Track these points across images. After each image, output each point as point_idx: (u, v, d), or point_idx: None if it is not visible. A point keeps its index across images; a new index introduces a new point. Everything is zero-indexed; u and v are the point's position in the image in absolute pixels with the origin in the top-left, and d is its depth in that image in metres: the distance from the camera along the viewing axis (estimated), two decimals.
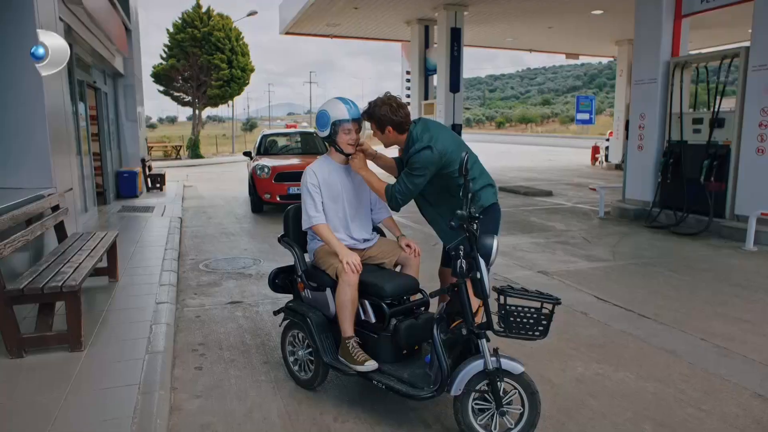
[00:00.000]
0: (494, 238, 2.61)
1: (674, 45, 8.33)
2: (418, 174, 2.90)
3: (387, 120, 2.94)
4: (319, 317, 2.98)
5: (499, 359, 2.46)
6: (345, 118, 2.96)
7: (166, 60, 25.04)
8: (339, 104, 3.00)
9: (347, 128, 2.98)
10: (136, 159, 12.16)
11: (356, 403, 2.97)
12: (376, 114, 2.95)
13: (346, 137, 3.00)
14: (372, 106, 2.98)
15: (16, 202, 3.86)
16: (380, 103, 2.95)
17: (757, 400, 3.00)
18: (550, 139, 43.49)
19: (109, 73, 10.90)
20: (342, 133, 2.99)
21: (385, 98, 2.99)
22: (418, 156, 2.89)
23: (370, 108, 2.98)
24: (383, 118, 2.94)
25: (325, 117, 3.00)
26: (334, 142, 3.03)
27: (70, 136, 5.82)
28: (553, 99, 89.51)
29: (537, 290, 2.68)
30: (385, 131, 2.98)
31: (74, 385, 2.97)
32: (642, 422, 2.78)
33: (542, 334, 2.55)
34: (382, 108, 2.94)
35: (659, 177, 8.29)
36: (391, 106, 2.95)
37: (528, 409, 2.49)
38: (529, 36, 18.62)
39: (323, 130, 3.03)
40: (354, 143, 3.03)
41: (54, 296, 3.30)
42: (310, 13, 15.59)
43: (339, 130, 2.98)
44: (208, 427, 2.73)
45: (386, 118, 2.94)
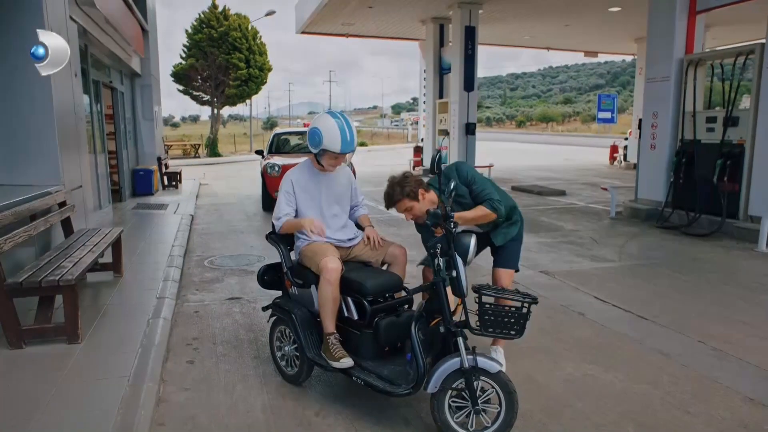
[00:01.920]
0: (472, 236, 2.61)
1: (688, 42, 8.15)
2: (480, 182, 3.10)
3: (416, 185, 3.00)
4: (303, 314, 3.02)
5: (475, 358, 2.47)
6: (335, 152, 2.96)
7: (185, 60, 25.43)
8: (336, 134, 2.92)
9: (334, 155, 3.01)
10: (153, 157, 12.39)
11: (340, 399, 3.00)
12: (404, 192, 2.97)
13: (331, 161, 3.07)
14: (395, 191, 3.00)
15: (19, 199, 3.99)
16: (397, 183, 3.01)
17: (747, 404, 2.94)
18: (570, 138, 42.93)
19: (126, 73, 11.13)
20: (328, 158, 3.04)
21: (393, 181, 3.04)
22: (463, 172, 3.11)
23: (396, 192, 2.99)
24: (413, 186, 2.99)
25: (316, 138, 2.98)
26: (318, 159, 3.07)
27: (80, 136, 5.96)
28: (575, 98, 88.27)
29: (516, 289, 2.68)
30: (419, 196, 3.01)
31: (68, 376, 3.06)
32: (625, 424, 2.75)
33: (518, 333, 2.55)
34: (404, 183, 2.99)
35: (671, 177, 8.14)
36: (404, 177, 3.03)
37: (505, 409, 2.49)
38: (546, 34, 18.43)
39: (313, 147, 3.04)
40: (335, 168, 3.14)
41: (51, 290, 3.40)
42: (325, 13, 15.68)
43: (326, 155, 3.02)
44: (192, 419, 2.79)
45: (415, 184, 3.00)
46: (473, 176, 3.14)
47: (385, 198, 3.07)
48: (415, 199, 3.01)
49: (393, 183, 3.04)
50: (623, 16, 15.18)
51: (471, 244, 2.58)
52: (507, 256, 3.37)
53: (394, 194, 3.01)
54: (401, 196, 2.99)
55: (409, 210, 3.03)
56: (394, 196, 3.01)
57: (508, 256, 3.38)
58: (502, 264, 3.37)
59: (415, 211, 3.03)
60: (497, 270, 3.36)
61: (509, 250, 3.38)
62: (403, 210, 3.04)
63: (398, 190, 3.00)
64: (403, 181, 3.02)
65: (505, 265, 3.37)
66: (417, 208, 3.02)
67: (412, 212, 3.04)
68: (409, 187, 2.99)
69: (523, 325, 2.55)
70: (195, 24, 25.13)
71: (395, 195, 3.01)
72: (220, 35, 24.42)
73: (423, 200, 3.04)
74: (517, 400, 2.49)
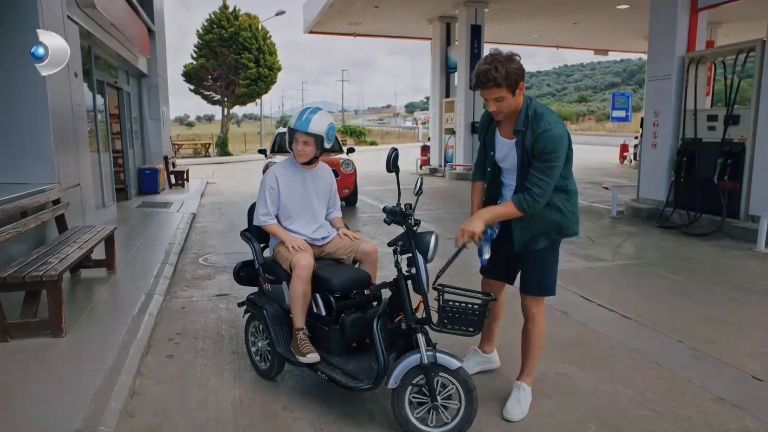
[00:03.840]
0: (432, 234, 2.63)
1: (690, 39, 8.06)
2: (555, 160, 2.44)
3: (521, 72, 2.41)
4: (275, 309, 3.07)
5: (435, 354, 2.49)
6: (292, 127, 3.03)
7: (195, 60, 25.73)
8: (297, 113, 3.09)
9: (296, 138, 3.04)
10: (160, 156, 12.57)
11: (309, 393, 3.04)
12: (509, 70, 2.36)
13: (296, 146, 3.07)
14: (500, 66, 2.36)
15: (8, 197, 4.09)
16: (505, 60, 2.38)
17: (717, 404, 2.92)
18: (583, 137, 42.48)
19: (132, 73, 11.30)
20: (294, 142, 3.07)
21: (503, 55, 2.41)
22: (549, 139, 2.41)
23: (500, 69, 2.35)
24: (519, 70, 2.39)
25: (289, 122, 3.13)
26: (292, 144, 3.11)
27: (79, 135, 6.08)
28: (591, 96, 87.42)
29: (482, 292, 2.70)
30: (518, 90, 2.44)
31: (47, 368, 3.15)
32: (589, 422, 2.75)
33: (476, 330, 2.57)
34: (512, 64, 2.39)
35: (672, 176, 8.05)
36: (512, 58, 2.40)
37: (464, 405, 2.51)
38: (555, 32, 18.29)
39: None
40: (302, 156, 3.06)
41: (35, 285, 3.50)
42: (331, 13, 15.75)
43: (293, 137, 3.07)
44: (163, 411, 2.85)
45: (520, 71, 2.41)
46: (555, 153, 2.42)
47: (479, 75, 2.41)
48: (512, 92, 2.42)
49: (495, 58, 2.38)
50: (632, 13, 15.00)
51: (432, 242, 2.60)
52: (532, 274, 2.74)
53: (493, 74, 2.36)
54: (501, 83, 2.37)
55: (499, 101, 2.45)
56: (492, 76, 2.36)
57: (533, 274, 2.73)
58: (521, 285, 2.79)
59: (503, 106, 2.46)
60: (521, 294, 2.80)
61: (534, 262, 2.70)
62: (493, 98, 2.45)
63: (502, 72, 2.36)
64: (509, 62, 2.38)
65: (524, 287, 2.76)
66: (507, 105, 2.45)
67: (499, 105, 2.46)
68: (515, 73, 2.38)
69: (481, 323, 2.57)
70: (206, 24, 25.42)
71: (494, 75, 2.36)
72: (230, 35, 24.68)
73: (518, 96, 2.46)
74: (477, 397, 2.51)
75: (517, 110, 2.56)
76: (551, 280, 2.77)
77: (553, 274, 2.77)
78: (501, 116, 2.57)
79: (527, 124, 2.51)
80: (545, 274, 2.75)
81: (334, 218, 3.39)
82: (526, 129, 2.51)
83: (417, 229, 2.63)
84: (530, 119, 2.52)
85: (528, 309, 2.84)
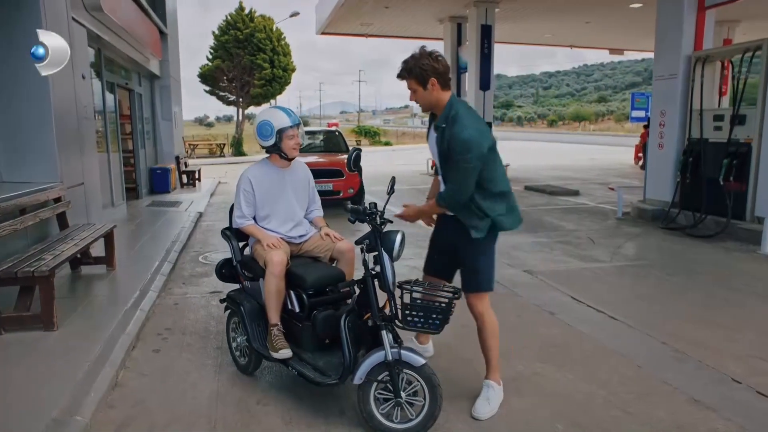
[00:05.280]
0: (399, 233, 2.66)
1: (697, 38, 7.93)
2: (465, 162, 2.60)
3: (431, 71, 2.67)
4: (252, 306, 3.14)
5: (399, 351, 2.53)
6: (287, 125, 3.10)
7: (211, 61, 26.10)
8: (280, 113, 3.16)
9: (290, 134, 3.12)
10: (171, 156, 12.79)
11: (284, 388, 3.10)
12: (417, 66, 2.67)
13: (290, 142, 3.14)
14: (411, 59, 2.71)
15: (8, 195, 4.24)
16: (419, 56, 2.70)
17: (691, 405, 2.90)
18: (601, 137, 42.02)
19: (144, 75, 11.53)
20: (286, 139, 3.13)
21: (423, 51, 2.72)
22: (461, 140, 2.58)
23: (409, 62, 2.71)
24: (426, 68, 2.66)
25: (268, 127, 3.12)
26: (279, 149, 3.17)
27: (84, 135, 6.25)
28: (611, 96, 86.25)
29: (444, 285, 2.73)
30: (428, 85, 2.68)
31: (36, 360, 3.26)
32: (557, 421, 2.76)
33: (440, 327, 2.58)
34: (423, 60, 2.68)
35: (678, 177, 7.94)
36: (431, 56, 2.70)
37: (428, 402, 2.53)
38: (568, 31, 18.12)
39: (267, 139, 3.15)
40: (298, 147, 3.18)
41: (27, 280, 3.62)
42: (342, 13, 15.85)
43: (283, 137, 3.12)
44: (142, 403, 2.94)
45: (430, 68, 2.67)
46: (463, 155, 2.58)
47: (402, 65, 2.78)
48: (421, 85, 2.70)
49: (413, 54, 2.73)
50: (646, 12, 14.75)
51: (397, 240, 2.63)
52: (466, 271, 2.89)
53: (404, 66, 2.73)
54: (406, 75, 2.72)
55: (413, 92, 2.76)
56: (403, 68, 2.74)
57: (467, 270, 2.89)
58: (462, 284, 2.89)
59: (417, 98, 2.77)
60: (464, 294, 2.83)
61: (469, 260, 2.86)
62: (409, 89, 2.78)
63: (410, 64, 2.70)
64: (421, 58, 2.69)
65: (463, 285, 2.88)
66: (420, 96, 2.74)
67: (414, 96, 2.78)
68: (421, 69, 2.67)
69: (446, 320, 2.59)
70: (222, 26, 25.77)
71: (404, 67, 2.73)
72: (245, 37, 24.98)
73: (431, 91, 2.70)
74: (440, 395, 2.54)
75: (438, 106, 2.75)
76: (488, 277, 2.88)
77: (489, 270, 2.88)
78: (422, 108, 2.84)
79: (447, 122, 2.68)
80: (480, 270, 2.85)
81: (315, 218, 3.45)
82: (446, 127, 2.67)
83: (384, 228, 2.67)
84: (450, 119, 2.67)
85: (474, 308, 2.89)
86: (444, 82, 2.72)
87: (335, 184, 9.29)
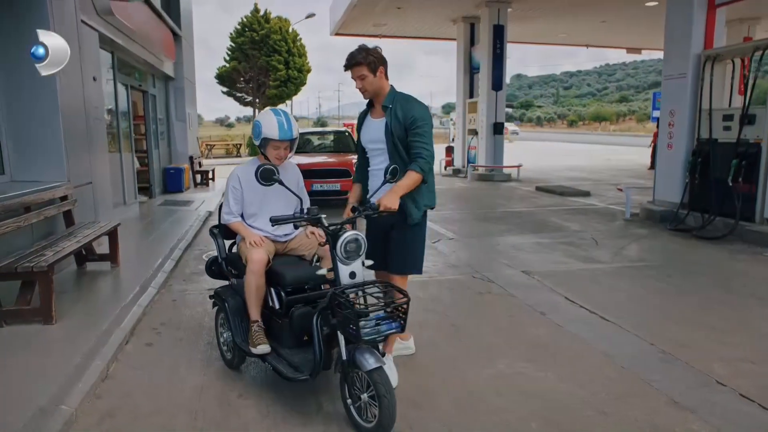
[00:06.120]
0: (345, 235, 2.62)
1: (707, 37, 7.80)
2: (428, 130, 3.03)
3: (380, 60, 3.01)
4: (237, 302, 3.21)
5: (351, 352, 2.55)
6: (274, 138, 3.11)
7: (228, 62, 26.47)
8: (273, 121, 3.11)
9: (276, 145, 3.16)
10: (185, 156, 13.02)
11: (267, 384, 3.17)
12: (370, 55, 2.98)
13: (274, 152, 3.18)
14: (362, 51, 3.01)
15: (14, 194, 4.39)
16: (368, 48, 3.03)
17: (670, 407, 2.88)
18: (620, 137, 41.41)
19: (158, 76, 11.76)
20: (271, 148, 3.17)
21: (362, 46, 3.04)
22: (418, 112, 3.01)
23: (362, 53, 2.99)
24: (378, 56, 3.00)
25: (257, 128, 3.18)
26: (264, 150, 3.24)
27: (93, 136, 6.42)
28: (633, 96, 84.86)
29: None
30: (378, 73, 3.03)
31: (31, 352, 3.39)
32: (531, 420, 2.77)
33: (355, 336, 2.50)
34: (373, 51, 3.01)
35: (687, 177, 7.82)
36: (377, 49, 3.03)
37: (378, 408, 2.48)
38: (583, 31, 17.93)
39: (256, 139, 3.23)
40: (281, 160, 3.20)
41: (27, 275, 3.76)
42: (355, 15, 15.94)
43: (268, 145, 3.17)
44: (128, 394, 3.04)
45: (379, 58, 3.01)
46: (424, 120, 3.01)
47: (347, 57, 3.05)
48: (372, 72, 3.01)
49: (361, 47, 3.04)
50: (662, 10, 14.51)
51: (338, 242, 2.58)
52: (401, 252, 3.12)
53: (357, 56, 3.00)
54: (362, 61, 2.98)
55: (362, 79, 3.03)
56: (357, 57, 3.00)
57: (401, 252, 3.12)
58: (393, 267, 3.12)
59: (365, 84, 3.04)
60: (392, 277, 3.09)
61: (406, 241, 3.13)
62: (357, 76, 3.03)
63: (363, 54, 2.99)
64: (371, 50, 3.02)
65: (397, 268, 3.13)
66: (369, 82, 3.03)
67: (362, 82, 3.04)
68: (374, 57, 3.00)
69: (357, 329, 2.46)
70: (238, 27, 26.13)
71: (357, 56, 2.99)
72: (261, 38, 25.29)
73: (379, 78, 3.04)
74: (388, 405, 2.44)
75: (381, 93, 3.10)
76: (421, 258, 3.19)
77: (421, 252, 3.19)
78: (367, 94, 3.11)
79: (394, 102, 3.06)
80: (415, 250, 3.14)
81: None
82: (395, 106, 3.04)
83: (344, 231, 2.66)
84: (398, 99, 3.08)
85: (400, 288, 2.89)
86: (387, 72, 3.11)
87: (343, 184, 9.38)
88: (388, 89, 3.12)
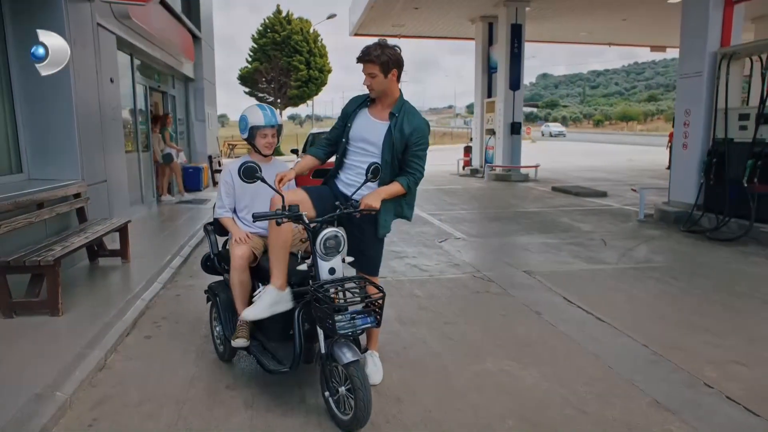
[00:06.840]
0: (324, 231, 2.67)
1: (724, 34, 7.64)
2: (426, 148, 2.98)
3: (395, 62, 2.85)
4: (227, 296, 3.31)
5: (329, 346, 2.62)
6: (261, 124, 3.25)
7: (250, 63, 26.87)
8: (257, 111, 3.29)
9: (263, 133, 3.28)
10: (205, 156, 13.30)
11: (255, 376, 3.26)
12: (385, 54, 2.81)
13: (262, 140, 3.31)
14: (378, 47, 2.84)
15: (27, 191, 4.60)
16: (386, 46, 2.85)
17: (651, 407, 2.87)
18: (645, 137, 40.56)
19: (178, 77, 12.05)
20: (259, 137, 3.29)
21: (386, 42, 2.88)
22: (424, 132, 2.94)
23: (378, 49, 2.82)
24: (393, 57, 2.84)
25: (244, 121, 3.31)
26: (253, 144, 3.34)
27: (109, 136, 6.64)
28: (662, 95, 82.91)
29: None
30: (390, 75, 2.86)
31: (35, 342, 3.56)
32: (508, 417, 2.80)
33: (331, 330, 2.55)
34: (390, 49, 2.84)
35: (702, 178, 7.67)
36: (396, 48, 2.85)
37: (354, 401, 2.52)
38: (604, 29, 17.69)
39: (243, 133, 3.35)
40: (270, 146, 3.33)
41: (34, 268, 3.94)
42: (373, 15, 16.03)
43: (256, 134, 3.29)
44: (122, 383, 3.17)
45: (395, 59, 2.85)
46: (426, 140, 2.96)
47: (362, 50, 2.89)
48: (383, 73, 2.85)
49: (379, 43, 2.87)
50: None
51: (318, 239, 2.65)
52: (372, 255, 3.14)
53: (372, 52, 2.82)
54: (375, 60, 2.82)
55: (372, 77, 2.87)
56: (371, 53, 2.83)
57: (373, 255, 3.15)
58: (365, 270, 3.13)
59: (374, 83, 2.88)
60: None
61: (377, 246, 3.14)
62: (367, 73, 2.87)
63: (378, 52, 2.82)
64: (388, 48, 2.84)
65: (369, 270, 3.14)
66: (378, 82, 2.87)
67: (372, 81, 2.88)
68: (388, 58, 2.82)
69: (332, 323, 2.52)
70: (260, 29, 26.50)
71: (372, 53, 2.82)
72: (282, 39, 25.59)
73: (390, 80, 2.88)
74: (363, 397, 2.49)
75: (391, 97, 2.98)
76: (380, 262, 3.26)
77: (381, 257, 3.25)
78: (373, 93, 2.97)
79: (402, 113, 2.95)
80: (380, 255, 3.22)
81: None
82: (401, 117, 2.94)
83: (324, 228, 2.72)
84: (406, 110, 2.97)
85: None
86: (400, 76, 2.96)
87: None
88: (398, 95, 2.98)
